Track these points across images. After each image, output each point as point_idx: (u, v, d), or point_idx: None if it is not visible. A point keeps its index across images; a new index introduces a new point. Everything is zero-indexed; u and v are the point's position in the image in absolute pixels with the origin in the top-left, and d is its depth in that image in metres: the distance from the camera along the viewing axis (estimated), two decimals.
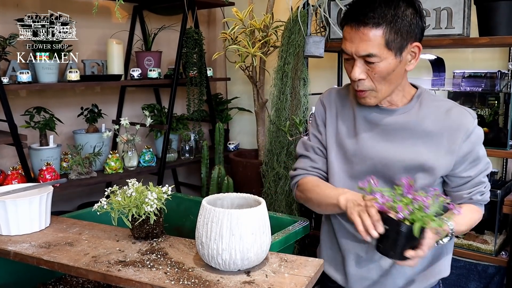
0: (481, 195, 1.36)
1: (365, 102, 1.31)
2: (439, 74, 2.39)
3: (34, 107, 2.39)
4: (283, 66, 2.48)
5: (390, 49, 1.22)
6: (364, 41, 1.21)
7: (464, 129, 1.27)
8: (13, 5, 2.47)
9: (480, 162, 1.33)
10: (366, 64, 1.24)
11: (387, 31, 1.20)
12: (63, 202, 2.72)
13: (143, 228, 1.34)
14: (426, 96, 1.35)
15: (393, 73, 1.25)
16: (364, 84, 1.27)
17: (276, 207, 2.54)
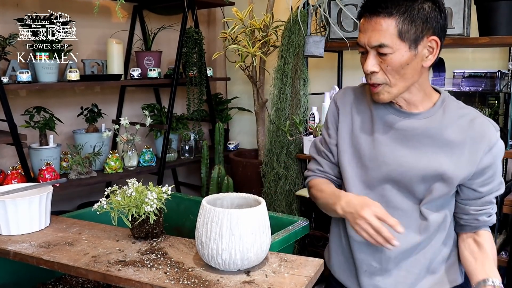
0: (488, 216, 1.32)
1: (378, 98, 1.26)
2: (439, 74, 2.38)
3: (34, 107, 2.39)
4: (283, 66, 2.48)
5: (403, 40, 1.18)
6: (376, 31, 1.18)
7: (487, 140, 1.23)
8: (13, 5, 2.47)
9: (495, 180, 1.28)
10: (379, 56, 1.20)
11: (400, 21, 1.16)
12: (63, 202, 2.72)
13: (143, 228, 1.34)
14: (450, 102, 1.29)
15: (408, 67, 1.20)
16: (377, 77, 1.22)
17: (276, 207, 2.54)
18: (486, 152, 1.23)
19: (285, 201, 2.53)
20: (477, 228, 1.33)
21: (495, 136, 1.25)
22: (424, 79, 1.27)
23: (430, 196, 1.26)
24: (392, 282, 1.33)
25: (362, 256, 1.34)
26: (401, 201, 1.30)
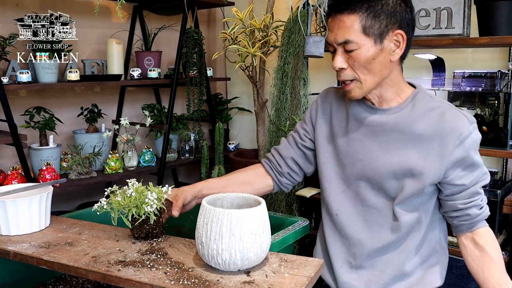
0: (479, 209, 1.29)
1: (351, 95, 1.28)
2: (439, 74, 2.39)
3: (34, 107, 2.39)
4: (283, 66, 2.48)
5: (368, 35, 1.20)
6: (341, 28, 1.21)
7: (458, 133, 1.21)
8: (13, 5, 2.47)
9: (476, 170, 1.26)
10: (346, 53, 1.23)
11: (363, 17, 1.19)
12: (63, 202, 2.72)
13: (143, 228, 1.34)
14: (421, 96, 1.29)
15: (374, 62, 1.22)
16: (346, 74, 1.25)
17: (276, 207, 2.54)
18: (457, 145, 1.22)
19: (285, 201, 2.53)
20: (472, 226, 1.31)
21: (467, 129, 1.22)
22: (396, 75, 1.28)
23: (402, 194, 1.26)
24: (365, 280, 1.34)
25: (338, 251, 1.37)
26: (375, 199, 1.31)
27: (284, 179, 1.50)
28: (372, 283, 1.34)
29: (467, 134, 1.22)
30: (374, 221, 1.31)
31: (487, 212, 1.31)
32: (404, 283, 1.33)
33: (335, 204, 1.37)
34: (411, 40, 1.26)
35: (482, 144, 2.03)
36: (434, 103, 1.27)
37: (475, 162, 1.25)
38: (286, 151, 1.49)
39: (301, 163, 1.48)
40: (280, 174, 1.50)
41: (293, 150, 1.48)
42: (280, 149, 1.51)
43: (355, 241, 1.34)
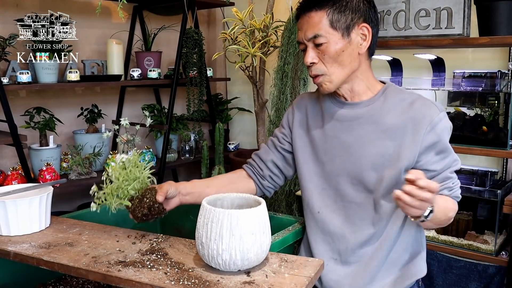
0: (449, 190, 1.31)
1: (322, 89, 1.33)
2: (439, 74, 2.39)
3: (34, 108, 2.39)
4: (283, 66, 2.48)
5: (335, 29, 1.27)
6: (310, 24, 1.28)
7: (428, 119, 1.26)
8: (13, 5, 2.47)
9: (448, 156, 1.30)
10: (316, 48, 1.29)
11: (330, 12, 1.26)
12: (63, 202, 2.72)
13: (143, 203, 1.33)
14: (392, 89, 1.35)
15: (343, 54, 1.28)
16: (316, 68, 1.30)
17: (276, 207, 2.54)
18: (429, 131, 1.26)
19: (285, 201, 2.53)
20: None
21: (438, 116, 1.27)
22: (365, 69, 1.34)
23: (381, 185, 1.29)
24: (352, 275, 1.36)
25: (322, 250, 1.40)
26: (355, 194, 1.34)
27: (266, 182, 1.54)
28: (359, 278, 1.35)
29: (438, 120, 1.27)
30: (355, 215, 1.35)
31: (458, 195, 1.33)
32: (392, 275, 1.34)
33: (316, 202, 1.40)
34: (376, 37, 1.33)
35: (482, 144, 2.05)
36: (404, 95, 1.33)
37: (447, 148, 1.29)
38: (266, 155, 1.54)
39: (281, 166, 1.52)
40: (262, 177, 1.54)
41: (272, 154, 1.53)
42: (260, 153, 1.56)
43: (338, 237, 1.37)
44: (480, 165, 2.40)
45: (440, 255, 2.21)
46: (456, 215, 2.20)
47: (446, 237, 2.22)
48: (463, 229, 2.21)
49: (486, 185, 2.23)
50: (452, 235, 2.22)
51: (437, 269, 2.22)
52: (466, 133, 2.11)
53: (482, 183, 2.25)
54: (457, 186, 1.33)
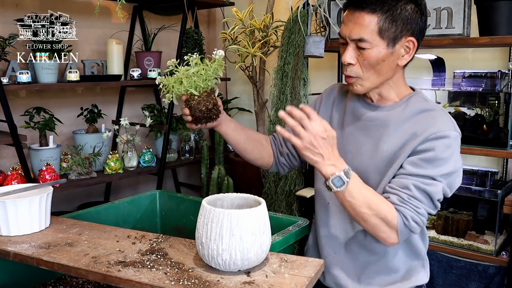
0: (399, 200, 1.20)
1: (352, 89, 1.31)
2: (439, 74, 2.38)
3: (34, 108, 2.39)
4: (283, 66, 2.48)
5: (382, 38, 1.22)
6: (357, 25, 1.22)
7: (436, 129, 1.21)
8: (12, 5, 2.46)
9: (427, 169, 1.20)
10: (358, 49, 1.24)
11: (382, 19, 1.20)
12: (63, 203, 2.72)
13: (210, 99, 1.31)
14: (416, 98, 1.31)
15: (383, 64, 1.24)
16: (352, 70, 1.27)
17: (276, 207, 2.54)
18: (430, 139, 1.20)
19: (286, 201, 2.53)
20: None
21: (447, 132, 1.21)
22: (398, 78, 1.31)
23: (379, 188, 1.28)
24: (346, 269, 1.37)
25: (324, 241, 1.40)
26: None
27: (282, 159, 1.53)
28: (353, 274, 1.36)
29: (443, 134, 1.20)
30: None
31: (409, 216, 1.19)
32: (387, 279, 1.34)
33: (328, 194, 1.39)
34: (419, 48, 1.29)
35: (483, 144, 2.05)
36: (425, 105, 1.29)
37: (433, 162, 1.20)
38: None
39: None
40: (280, 153, 1.53)
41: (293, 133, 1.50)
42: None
43: (341, 230, 1.37)
44: (480, 165, 2.40)
45: (440, 255, 2.20)
46: (457, 215, 2.22)
47: (446, 237, 2.22)
48: (463, 229, 2.21)
49: (486, 185, 2.22)
50: (452, 235, 2.22)
51: (437, 269, 2.21)
52: (466, 133, 2.10)
53: (482, 183, 2.25)
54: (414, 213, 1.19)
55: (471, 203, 2.22)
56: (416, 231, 1.22)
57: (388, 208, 1.20)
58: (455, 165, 1.22)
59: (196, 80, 1.31)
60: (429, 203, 1.21)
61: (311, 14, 2.42)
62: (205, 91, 1.33)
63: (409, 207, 1.19)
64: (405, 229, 1.20)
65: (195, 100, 1.33)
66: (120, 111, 2.97)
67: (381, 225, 1.20)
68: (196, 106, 1.33)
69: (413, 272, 1.35)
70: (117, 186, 3.05)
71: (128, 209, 1.86)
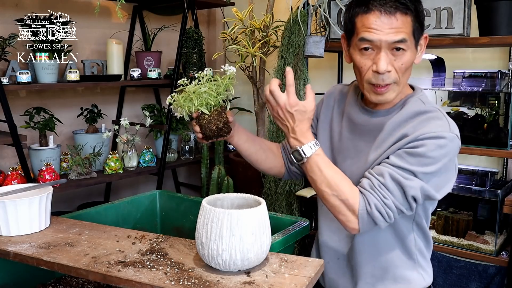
0: (369, 186, 1.17)
1: (384, 98, 1.23)
2: (439, 74, 2.38)
3: (33, 108, 2.39)
4: (283, 66, 2.48)
5: (414, 38, 1.19)
6: (395, 27, 1.15)
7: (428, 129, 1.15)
8: (12, 5, 2.46)
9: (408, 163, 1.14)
10: (391, 54, 1.18)
11: (413, 19, 1.18)
12: (63, 203, 2.72)
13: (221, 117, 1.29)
14: (413, 100, 1.26)
15: (411, 65, 1.22)
16: (390, 77, 1.19)
17: (276, 207, 2.54)
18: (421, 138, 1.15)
19: (286, 201, 2.53)
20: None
21: (441, 133, 1.15)
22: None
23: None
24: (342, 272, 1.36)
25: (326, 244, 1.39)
26: None
27: (293, 167, 1.51)
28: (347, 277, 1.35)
29: (437, 135, 1.15)
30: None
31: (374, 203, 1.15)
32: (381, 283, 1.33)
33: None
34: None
35: (483, 144, 2.05)
36: (422, 108, 1.23)
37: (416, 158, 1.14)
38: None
39: None
40: (291, 162, 1.50)
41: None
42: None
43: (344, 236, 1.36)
44: (480, 165, 2.40)
45: (440, 255, 2.20)
46: (456, 215, 2.22)
47: (446, 237, 2.22)
48: (463, 229, 2.21)
49: (486, 185, 2.22)
50: (452, 235, 2.22)
51: (437, 269, 2.21)
52: (466, 133, 2.10)
53: (482, 183, 2.25)
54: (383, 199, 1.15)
55: (471, 203, 2.22)
56: (380, 223, 1.17)
57: (351, 191, 1.18)
58: (445, 167, 1.16)
59: (207, 97, 1.29)
60: (401, 197, 1.15)
61: (311, 14, 2.42)
62: (216, 109, 1.31)
63: (376, 194, 1.16)
64: (367, 216, 1.16)
65: (206, 119, 1.31)
66: (120, 111, 2.97)
67: (340, 207, 1.18)
68: (207, 125, 1.31)
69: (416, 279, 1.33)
70: (117, 186, 3.05)
71: (128, 209, 1.85)
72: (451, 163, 1.18)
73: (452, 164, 1.19)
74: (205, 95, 1.29)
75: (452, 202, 2.29)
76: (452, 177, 1.21)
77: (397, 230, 1.29)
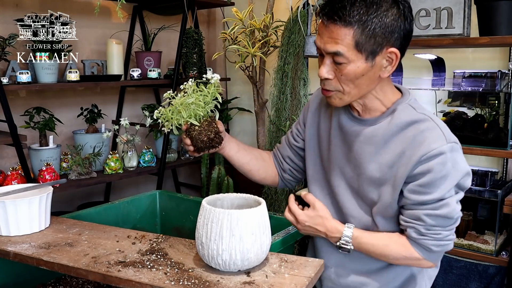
0: (417, 234, 1.18)
1: (331, 102, 1.23)
2: (439, 74, 2.38)
3: (33, 108, 2.39)
4: (283, 66, 2.48)
5: (360, 52, 1.12)
6: (332, 38, 1.12)
7: (426, 148, 1.14)
8: (12, 5, 2.46)
9: (431, 193, 1.14)
10: (334, 63, 1.15)
11: (358, 32, 1.10)
12: (63, 203, 2.72)
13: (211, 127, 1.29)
14: (402, 108, 1.22)
15: (363, 78, 1.15)
16: (331, 84, 1.19)
17: (276, 207, 2.54)
18: (422, 161, 1.14)
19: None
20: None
21: (439, 148, 1.13)
22: (382, 86, 1.22)
23: (380, 202, 1.23)
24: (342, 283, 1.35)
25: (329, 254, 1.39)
26: (352, 207, 1.29)
27: (286, 175, 1.52)
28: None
29: (436, 153, 1.13)
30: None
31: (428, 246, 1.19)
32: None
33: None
34: (403, 55, 1.21)
35: (483, 144, 2.05)
36: (413, 116, 1.20)
37: (434, 184, 1.14)
38: (284, 151, 1.51)
39: (297, 162, 1.49)
40: (283, 171, 1.52)
41: (288, 150, 1.50)
42: (280, 148, 1.53)
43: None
44: (480, 165, 2.40)
45: None
46: None
47: None
48: (463, 229, 2.21)
49: (486, 185, 2.22)
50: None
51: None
52: (466, 133, 2.10)
53: (482, 183, 2.25)
54: (434, 238, 1.18)
55: (471, 203, 2.22)
56: (448, 248, 1.21)
57: (401, 247, 1.22)
58: (460, 173, 1.16)
59: (195, 108, 1.29)
60: (448, 222, 1.18)
61: (311, 14, 2.42)
62: (206, 119, 1.31)
63: (429, 237, 1.18)
64: (433, 254, 1.21)
65: (196, 130, 1.31)
66: (120, 111, 2.97)
67: (405, 260, 1.23)
68: (198, 136, 1.31)
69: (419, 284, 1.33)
70: (117, 186, 3.05)
71: (128, 209, 1.86)
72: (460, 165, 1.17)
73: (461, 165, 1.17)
74: (193, 106, 1.29)
75: None
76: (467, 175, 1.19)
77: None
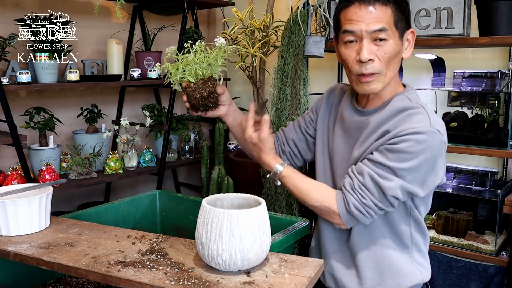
0: (349, 187, 1.23)
1: (370, 88, 1.24)
2: (439, 74, 2.38)
3: (33, 108, 2.39)
4: (283, 66, 2.48)
5: (397, 29, 1.22)
6: (374, 17, 1.19)
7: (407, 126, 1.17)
8: (12, 5, 2.46)
9: (388, 159, 1.17)
10: (374, 44, 1.21)
11: (394, 10, 1.21)
12: (63, 203, 2.72)
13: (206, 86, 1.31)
14: (399, 98, 1.27)
15: (396, 58, 1.24)
16: (374, 66, 1.21)
17: (276, 207, 2.54)
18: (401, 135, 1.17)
19: (285, 201, 2.53)
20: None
21: (420, 128, 1.16)
22: (397, 74, 1.29)
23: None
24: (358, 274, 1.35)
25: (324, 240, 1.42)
26: None
27: (284, 157, 1.55)
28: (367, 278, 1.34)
29: (416, 131, 1.16)
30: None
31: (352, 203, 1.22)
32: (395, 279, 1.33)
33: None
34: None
35: (483, 144, 2.05)
36: (406, 104, 1.24)
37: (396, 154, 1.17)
38: (289, 133, 1.55)
39: (300, 147, 1.53)
40: (283, 151, 1.55)
41: (296, 133, 1.54)
42: (285, 130, 1.58)
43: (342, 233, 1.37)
44: (480, 165, 2.40)
45: (440, 255, 2.21)
46: (457, 215, 2.22)
47: (446, 237, 2.22)
48: (463, 229, 2.21)
49: (487, 185, 2.22)
50: (452, 235, 2.22)
51: (437, 269, 2.22)
52: (466, 133, 2.10)
53: (482, 183, 2.25)
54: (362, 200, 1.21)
55: (471, 203, 2.22)
56: (362, 220, 1.24)
57: (324, 197, 1.28)
58: (427, 162, 1.17)
59: (196, 68, 1.32)
60: (380, 197, 1.20)
61: (311, 14, 2.42)
62: (202, 78, 1.33)
63: (356, 194, 1.22)
64: (347, 214, 1.24)
65: (191, 87, 1.34)
66: (120, 111, 2.97)
67: (321, 209, 1.29)
68: (191, 93, 1.34)
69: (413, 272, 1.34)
70: (117, 186, 3.05)
71: (128, 209, 1.86)
72: (434, 158, 1.18)
73: (436, 159, 1.19)
74: (194, 65, 1.31)
75: (452, 202, 2.29)
76: (437, 173, 1.21)
77: (393, 225, 1.31)
